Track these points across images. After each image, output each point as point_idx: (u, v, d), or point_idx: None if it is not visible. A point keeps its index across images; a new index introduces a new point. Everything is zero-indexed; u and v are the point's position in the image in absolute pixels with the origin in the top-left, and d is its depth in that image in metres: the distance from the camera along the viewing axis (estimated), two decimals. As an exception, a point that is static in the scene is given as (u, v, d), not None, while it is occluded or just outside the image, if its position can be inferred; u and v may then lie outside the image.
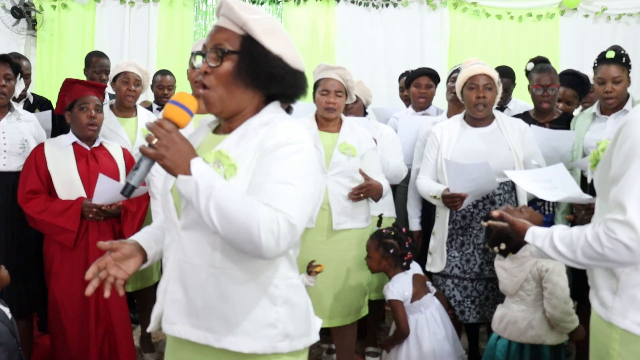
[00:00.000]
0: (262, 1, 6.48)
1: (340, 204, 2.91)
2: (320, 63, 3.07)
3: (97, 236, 2.81)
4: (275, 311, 1.48)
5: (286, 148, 1.41)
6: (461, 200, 2.82)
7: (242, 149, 1.45)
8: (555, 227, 1.64)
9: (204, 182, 1.32)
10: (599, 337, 1.67)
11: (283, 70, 1.48)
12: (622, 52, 3.07)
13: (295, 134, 1.44)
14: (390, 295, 2.77)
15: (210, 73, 1.47)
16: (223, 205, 1.30)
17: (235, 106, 1.50)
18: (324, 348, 3.63)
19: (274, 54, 1.46)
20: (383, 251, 2.81)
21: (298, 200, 1.37)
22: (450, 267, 2.98)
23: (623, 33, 6.63)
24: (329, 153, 2.93)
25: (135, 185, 1.39)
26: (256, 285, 1.46)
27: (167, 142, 1.36)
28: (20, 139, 3.02)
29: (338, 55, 6.44)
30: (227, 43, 1.47)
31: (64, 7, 6.35)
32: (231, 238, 1.33)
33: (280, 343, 1.48)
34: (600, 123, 3.17)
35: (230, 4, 1.46)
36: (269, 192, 1.36)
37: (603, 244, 1.46)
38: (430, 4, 6.55)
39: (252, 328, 1.45)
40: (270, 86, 1.50)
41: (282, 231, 1.32)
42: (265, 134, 1.45)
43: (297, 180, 1.38)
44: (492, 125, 3.04)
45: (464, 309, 2.96)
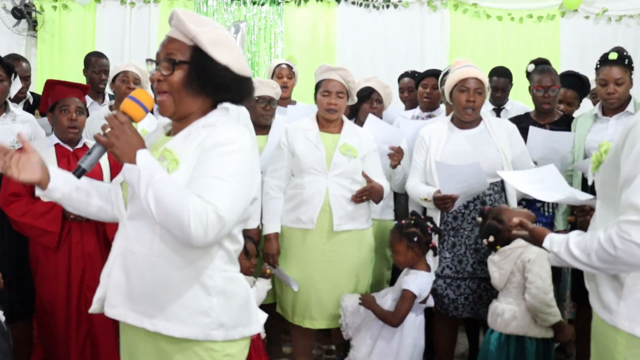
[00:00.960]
0: (262, 2, 6.49)
1: (341, 205, 2.90)
2: (322, 64, 3.07)
3: (79, 237, 2.80)
4: (209, 300, 1.58)
5: (224, 147, 1.54)
6: (452, 202, 2.83)
7: (185, 147, 1.58)
8: (572, 233, 1.64)
9: (146, 171, 1.47)
10: (603, 341, 1.66)
11: (230, 79, 1.61)
12: (625, 54, 3.07)
13: (234, 135, 1.57)
14: (408, 286, 2.73)
15: (163, 80, 1.59)
16: (160, 194, 1.44)
17: (186, 110, 1.63)
18: (324, 349, 3.63)
19: (222, 65, 1.58)
20: (407, 241, 2.78)
21: (229, 195, 1.49)
22: (441, 267, 2.98)
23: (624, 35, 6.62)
24: (330, 154, 2.93)
25: (86, 169, 1.55)
26: (190, 274, 1.57)
27: (119, 133, 1.51)
28: (11, 141, 2.99)
29: (338, 56, 6.44)
30: (178, 53, 1.59)
31: (65, 8, 6.34)
32: (165, 224, 1.47)
33: (214, 331, 1.59)
34: (602, 124, 3.17)
35: (181, 17, 1.57)
36: (203, 186, 1.48)
37: (616, 246, 1.45)
38: (431, 5, 6.55)
39: (185, 315, 1.57)
40: (218, 94, 1.65)
41: (211, 222, 1.44)
42: (206, 135, 1.58)
43: (231, 177, 1.51)
44: (480, 126, 3.04)
45: (458, 305, 2.97)
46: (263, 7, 6.51)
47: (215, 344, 1.60)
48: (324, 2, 6.50)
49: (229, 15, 6.52)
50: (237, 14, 6.53)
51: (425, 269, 2.82)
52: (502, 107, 4.25)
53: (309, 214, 2.90)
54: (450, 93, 3.02)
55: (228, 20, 6.49)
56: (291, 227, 2.97)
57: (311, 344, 3.19)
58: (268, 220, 3.01)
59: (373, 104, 3.51)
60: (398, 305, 2.74)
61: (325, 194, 2.90)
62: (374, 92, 3.53)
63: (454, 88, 2.98)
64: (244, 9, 6.53)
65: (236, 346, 1.66)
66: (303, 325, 3.01)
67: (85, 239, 2.82)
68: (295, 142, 2.96)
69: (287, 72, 4.15)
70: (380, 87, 3.56)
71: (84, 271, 2.81)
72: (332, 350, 3.52)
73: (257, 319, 1.75)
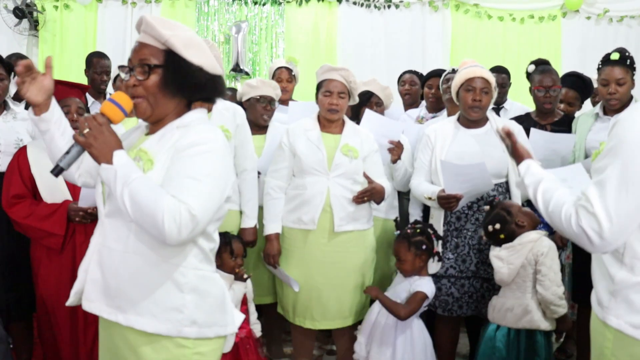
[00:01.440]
0: (264, 2, 6.49)
1: (342, 205, 2.90)
2: (324, 64, 3.06)
3: (83, 239, 2.77)
4: (182, 297, 1.63)
5: (197, 147, 1.59)
6: (456, 201, 2.82)
7: (159, 147, 1.64)
8: (547, 176, 1.75)
9: (122, 171, 1.53)
10: (596, 336, 1.71)
11: (204, 79, 1.67)
12: (627, 54, 3.07)
13: (207, 135, 1.63)
14: (422, 288, 2.77)
15: (138, 85, 1.64)
16: (135, 193, 1.50)
17: (162, 112, 1.68)
18: (325, 349, 3.63)
19: (196, 66, 1.64)
20: (415, 250, 2.80)
21: (203, 194, 1.55)
22: (444, 268, 2.98)
23: (625, 35, 6.62)
24: (331, 155, 2.92)
25: (64, 167, 1.60)
26: (164, 271, 1.62)
27: (97, 133, 1.57)
28: (15, 139, 3.00)
29: (339, 56, 6.44)
30: (152, 58, 1.63)
31: (66, 8, 6.35)
32: (141, 223, 1.53)
33: (187, 328, 1.63)
34: (603, 123, 3.17)
35: (152, 23, 1.63)
36: (176, 186, 1.54)
37: (572, 226, 1.54)
38: (432, 5, 6.55)
39: (157, 310, 1.61)
40: (194, 94, 1.71)
41: (184, 221, 1.49)
42: (180, 135, 1.63)
43: (204, 177, 1.56)
44: (486, 126, 3.04)
45: (462, 304, 2.97)
46: (264, 7, 6.52)
47: (187, 341, 1.64)
48: (325, 2, 6.50)
49: (230, 15, 6.52)
50: (239, 14, 6.53)
51: (427, 275, 2.86)
52: (502, 106, 4.25)
53: (310, 214, 2.90)
54: (457, 93, 3.02)
55: (229, 20, 6.50)
56: (292, 227, 2.97)
57: (312, 344, 3.19)
58: (269, 221, 3.01)
59: (373, 107, 3.50)
60: (409, 301, 2.76)
61: (326, 195, 2.90)
62: (374, 96, 3.53)
63: (460, 88, 2.98)
64: (245, 9, 6.53)
65: (209, 345, 1.70)
66: (304, 326, 3.01)
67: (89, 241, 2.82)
68: (297, 143, 2.96)
69: (286, 76, 4.15)
70: (379, 90, 3.56)
71: None
72: (332, 351, 3.52)
73: (233, 320, 1.78)
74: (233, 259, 2.80)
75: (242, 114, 3.11)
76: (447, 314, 2.99)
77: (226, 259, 2.80)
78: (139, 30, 1.70)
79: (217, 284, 1.74)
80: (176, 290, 1.63)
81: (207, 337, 1.68)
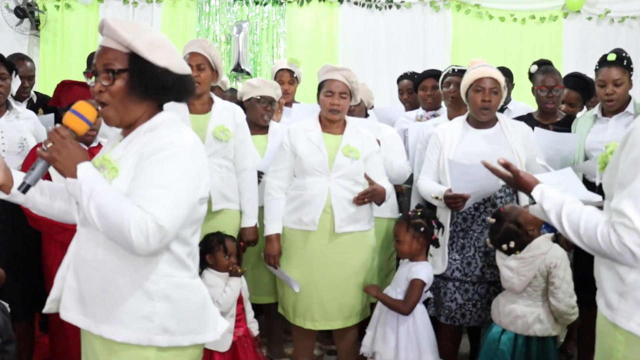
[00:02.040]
0: (265, 2, 6.49)
1: (343, 206, 2.90)
2: (325, 64, 3.06)
3: None
4: (152, 305, 1.60)
5: (163, 153, 1.55)
6: (463, 201, 2.81)
7: (125, 153, 1.61)
8: (566, 197, 1.67)
9: (87, 184, 1.50)
10: (604, 338, 1.68)
11: (172, 80, 1.62)
12: (624, 55, 3.06)
13: (174, 139, 1.58)
14: (418, 274, 2.76)
15: (104, 91, 1.60)
16: (101, 206, 1.48)
17: (132, 117, 1.65)
18: (326, 349, 3.64)
19: (162, 67, 1.59)
20: (414, 232, 2.80)
21: (170, 203, 1.50)
22: (450, 269, 2.96)
23: (626, 36, 6.63)
24: (332, 155, 2.92)
25: (30, 184, 1.58)
26: (133, 279, 1.59)
27: (60, 147, 1.53)
28: (19, 138, 3.01)
29: (341, 56, 6.45)
30: (116, 62, 1.59)
31: (67, 7, 6.36)
32: (109, 235, 1.50)
33: (158, 336, 1.60)
34: (602, 125, 3.17)
35: (113, 27, 1.58)
36: (142, 195, 1.50)
37: (613, 245, 1.49)
38: (434, 5, 6.56)
39: (127, 319, 1.59)
40: (162, 96, 1.67)
41: (151, 231, 1.46)
42: (146, 140, 1.59)
43: (171, 184, 1.52)
44: (495, 127, 3.02)
45: (465, 312, 2.95)
46: (265, 7, 6.53)
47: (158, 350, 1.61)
48: (327, 2, 6.51)
49: (231, 15, 6.53)
50: (240, 14, 6.54)
51: (425, 260, 2.86)
52: (505, 106, 4.24)
53: (310, 215, 2.90)
54: (465, 93, 3.00)
55: (231, 20, 6.51)
56: (293, 228, 2.98)
57: (312, 345, 3.19)
58: (269, 221, 3.01)
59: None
60: (408, 294, 2.76)
61: (327, 196, 2.90)
62: None
63: (469, 88, 2.96)
64: (246, 9, 6.55)
65: (185, 354, 1.66)
66: (304, 326, 3.01)
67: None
68: (298, 143, 2.96)
69: (288, 78, 4.15)
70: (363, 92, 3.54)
71: None
72: (333, 351, 3.52)
73: (214, 326, 1.74)
74: (227, 258, 2.81)
75: (241, 113, 3.12)
76: (450, 322, 2.96)
77: (220, 257, 2.81)
78: (101, 34, 1.65)
79: (195, 290, 1.70)
80: (146, 298, 1.59)
81: (181, 345, 1.64)
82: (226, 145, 3.01)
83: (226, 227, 2.99)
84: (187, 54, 3.02)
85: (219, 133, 2.98)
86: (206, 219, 2.95)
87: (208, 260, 2.84)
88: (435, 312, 3.01)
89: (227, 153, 3.03)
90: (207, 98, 3.07)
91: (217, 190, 2.98)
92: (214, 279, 2.79)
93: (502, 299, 2.72)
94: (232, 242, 2.87)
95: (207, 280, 2.80)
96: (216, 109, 3.04)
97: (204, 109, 3.06)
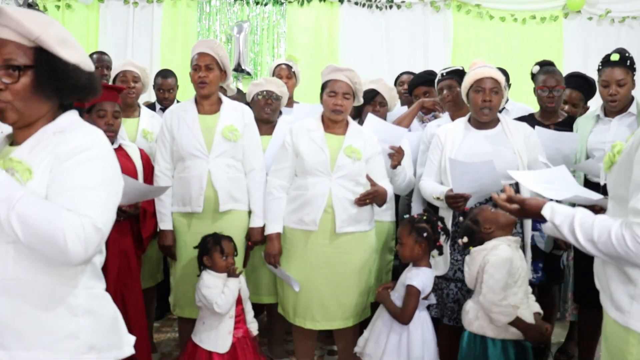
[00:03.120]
0: (265, 2, 6.49)
1: (344, 207, 2.90)
2: (329, 64, 3.05)
3: (116, 236, 2.79)
4: (76, 322, 1.45)
5: (82, 155, 1.42)
6: (465, 201, 2.80)
7: (34, 155, 1.44)
8: (577, 210, 1.64)
9: (3, 192, 1.31)
10: (615, 342, 1.65)
11: (83, 78, 1.50)
12: (627, 55, 3.06)
13: (90, 140, 1.46)
14: (412, 281, 2.72)
15: (5, 89, 1.43)
16: (25, 215, 1.30)
17: (33, 117, 1.49)
18: (326, 349, 3.63)
19: (73, 64, 1.47)
20: (416, 236, 2.76)
21: (101, 204, 1.39)
22: (453, 270, 2.96)
23: (627, 36, 6.63)
24: (334, 156, 2.92)
25: None
26: (52, 296, 1.43)
27: None
28: None
29: (341, 56, 6.45)
30: (18, 57, 1.43)
31: (68, 7, 6.36)
32: (36, 246, 1.32)
33: (85, 355, 1.46)
34: (604, 125, 3.16)
35: (16, 17, 1.41)
36: (71, 198, 1.36)
37: (629, 247, 1.46)
38: (434, 5, 6.56)
39: (50, 341, 1.42)
40: (71, 95, 1.53)
41: (89, 235, 1.33)
42: (59, 141, 1.44)
43: (98, 186, 1.40)
44: (497, 128, 3.02)
45: None
46: (266, 7, 6.53)
47: None
48: (327, 2, 6.51)
49: (232, 15, 6.54)
50: (240, 14, 6.55)
51: (427, 266, 2.81)
52: (503, 107, 4.24)
53: (311, 215, 2.90)
54: (466, 95, 3.01)
55: (231, 20, 6.51)
56: (294, 227, 2.97)
57: (313, 345, 3.19)
58: (270, 220, 3.01)
59: (376, 106, 3.50)
60: (405, 302, 2.73)
61: (328, 196, 2.90)
62: (378, 95, 3.52)
63: (469, 89, 2.96)
64: (247, 9, 6.55)
65: None
66: (304, 327, 3.01)
67: (122, 237, 2.84)
68: (300, 143, 2.96)
69: (286, 73, 4.15)
70: (386, 90, 3.55)
71: (119, 269, 2.82)
72: (334, 351, 3.52)
73: (128, 340, 1.63)
74: (224, 259, 2.81)
75: (250, 113, 3.13)
76: (453, 323, 2.95)
77: (217, 259, 2.81)
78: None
79: (108, 302, 1.58)
80: (69, 314, 1.44)
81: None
82: (235, 146, 3.01)
83: (233, 228, 3.00)
84: (196, 54, 3.02)
85: (227, 133, 2.98)
86: (213, 220, 3.02)
87: (205, 262, 2.84)
88: (438, 313, 3.00)
89: (235, 153, 3.03)
90: (215, 98, 3.08)
91: (225, 190, 2.98)
92: (212, 280, 2.79)
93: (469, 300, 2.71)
94: (229, 242, 2.87)
95: (205, 281, 2.80)
96: (225, 109, 3.04)
97: (212, 109, 3.06)
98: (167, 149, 3.05)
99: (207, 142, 2.98)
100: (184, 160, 3.01)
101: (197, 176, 2.98)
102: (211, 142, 2.98)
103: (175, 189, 3.05)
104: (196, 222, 3.02)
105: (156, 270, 3.48)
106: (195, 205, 2.99)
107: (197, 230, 2.99)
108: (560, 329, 3.86)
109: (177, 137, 3.01)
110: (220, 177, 2.98)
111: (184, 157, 3.00)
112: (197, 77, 3.00)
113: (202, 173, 2.97)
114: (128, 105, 3.57)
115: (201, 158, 2.98)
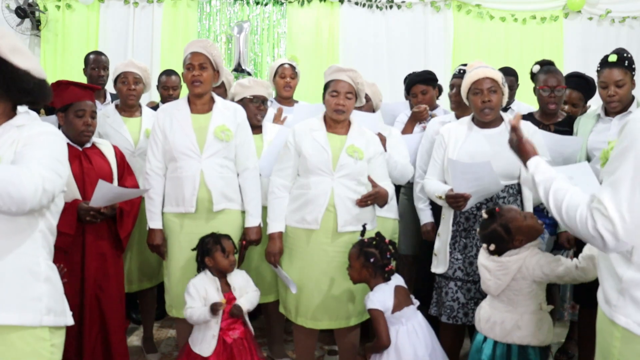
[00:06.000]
0: (266, 2, 6.50)
1: (346, 206, 2.90)
2: (332, 65, 3.06)
3: (94, 238, 2.80)
4: (39, 287, 1.69)
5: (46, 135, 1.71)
6: (465, 201, 2.81)
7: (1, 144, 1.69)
8: (558, 175, 1.77)
9: None
10: (603, 334, 1.70)
11: (32, 83, 1.73)
12: (625, 55, 3.05)
13: (50, 128, 1.75)
14: (370, 304, 2.69)
15: None
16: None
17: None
18: (326, 349, 3.64)
19: (23, 70, 1.70)
20: (364, 260, 2.73)
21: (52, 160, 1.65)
22: (453, 269, 2.97)
23: (627, 36, 6.64)
24: (337, 155, 2.92)
25: None
26: (18, 262, 1.66)
27: None
28: None
29: (341, 56, 6.45)
30: None
31: (68, 8, 6.37)
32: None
33: (46, 317, 1.69)
34: (604, 124, 3.16)
35: None
36: (28, 159, 1.62)
37: (588, 229, 1.56)
38: (434, 5, 6.56)
39: (18, 302, 1.65)
40: (21, 98, 1.76)
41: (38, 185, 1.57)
42: (20, 132, 1.71)
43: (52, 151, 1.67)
44: (500, 127, 3.02)
45: (468, 310, 2.95)
46: (266, 7, 6.53)
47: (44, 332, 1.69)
48: (328, 2, 6.52)
49: (232, 15, 6.54)
50: (241, 14, 6.55)
51: (381, 282, 2.75)
52: (508, 107, 4.25)
53: (313, 214, 2.91)
54: (466, 97, 3.02)
55: (231, 20, 6.51)
56: (295, 226, 2.98)
57: (314, 345, 3.19)
58: (272, 219, 3.01)
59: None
60: (375, 328, 2.69)
61: (330, 195, 2.90)
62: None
63: (468, 92, 2.98)
64: (247, 9, 6.55)
65: (60, 336, 1.76)
66: (307, 326, 3.01)
67: (100, 238, 2.84)
68: (303, 142, 2.97)
69: (290, 72, 4.16)
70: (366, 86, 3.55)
71: (97, 271, 2.82)
72: (334, 351, 3.52)
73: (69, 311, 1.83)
74: (226, 257, 2.81)
75: (242, 113, 3.13)
76: (452, 321, 2.96)
77: (219, 258, 2.82)
78: None
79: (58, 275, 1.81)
80: (33, 279, 1.68)
81: (59, 326, 1.75)
82: (227, 146, 3.02)
83: (227, 228, 3.00)
84: (189, 53, 3.02)
85: (219, 133, 2.98)
86: (207, 219, 3.02)
87: (208, 263, 2.84)
88: (437, 312, 3.01)
89: (228, 153, 3.04)
90: (208, 98, 3.08)
91: (218, 190, 2.99)
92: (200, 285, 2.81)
93: (484, 304, 2.61)
94: (228, 240, 2.87)
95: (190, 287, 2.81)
96: (217, 108, 3.04)
97: (205, 108, 3.06)
98: (158, 147, 3.06)
99: (200, 142, 2.99)
100: (176, 160, 3.01)
101: (190, 176, 2.98)
102: (203, 142, 2.99)
103: (168, 189, 3.06)
104: (189, 222, 3.03)
105: (156, 271, 3.48)
106: (189, 206, 2.99)
107: (191, 231, 2.99)
108: (560, 329, 3.86)
109: (169, 136, 3.02)
110: (213, 177, 2.99)
111: (176, 158, 3.00)
112: (191, 76, 3.01)
113: (195, 173, 2.98)
114: (129, 106, 3.59)
115: (193, 158, 2.98)
